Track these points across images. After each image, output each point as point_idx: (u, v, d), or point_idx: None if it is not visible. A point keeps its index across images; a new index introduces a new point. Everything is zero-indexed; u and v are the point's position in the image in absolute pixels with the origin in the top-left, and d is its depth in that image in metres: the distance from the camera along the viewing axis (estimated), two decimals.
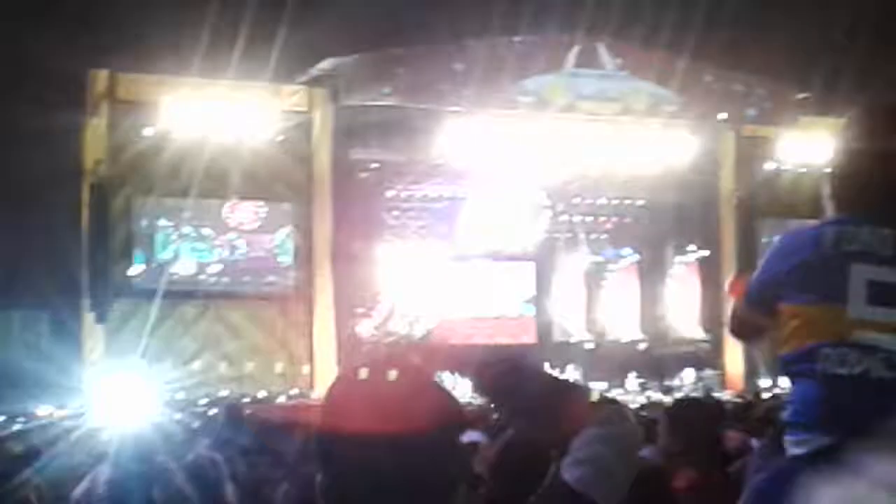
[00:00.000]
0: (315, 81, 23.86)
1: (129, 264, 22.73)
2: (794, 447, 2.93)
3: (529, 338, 27.69)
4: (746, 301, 3.22)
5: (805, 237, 3.08)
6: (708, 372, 26.01)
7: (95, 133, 22.47)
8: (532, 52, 24.62)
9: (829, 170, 3.19)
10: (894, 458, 2.78)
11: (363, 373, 2.08)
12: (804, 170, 26.75)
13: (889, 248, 2.92)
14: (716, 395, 21.12)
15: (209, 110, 22.63)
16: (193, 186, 22.70)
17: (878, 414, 2.83)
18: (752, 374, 25.33)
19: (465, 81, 23.94)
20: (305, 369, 23.38)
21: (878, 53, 23.93)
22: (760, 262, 3.20)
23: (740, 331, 3.43)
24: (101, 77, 22.54)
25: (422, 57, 24.11)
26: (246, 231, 23.59)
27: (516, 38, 24.32)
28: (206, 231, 23.36)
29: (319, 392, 22.41)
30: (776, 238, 3.28)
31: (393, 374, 2.08)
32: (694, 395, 20.52)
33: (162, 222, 23.05)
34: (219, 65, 21.96)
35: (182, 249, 23.23)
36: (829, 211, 3.05)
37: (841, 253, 2.92)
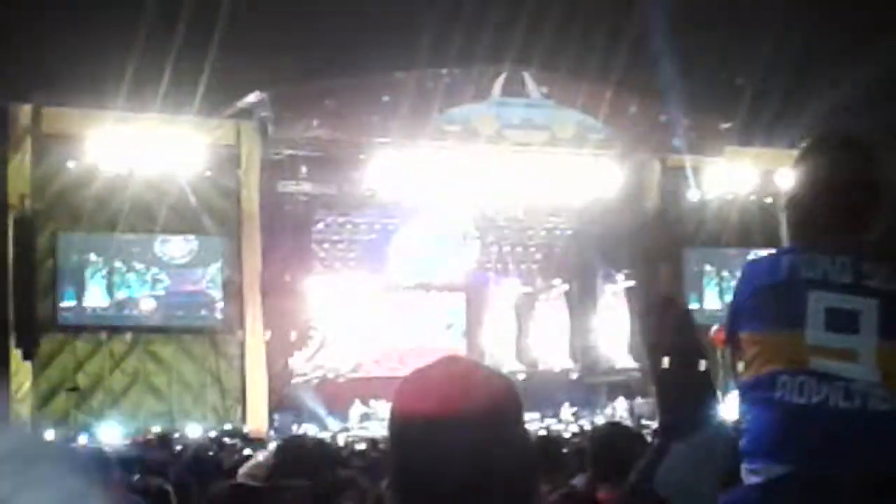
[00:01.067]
0: (242, 114, 23.77)
1: (57, 299, 22.44)
2: (751, 475, 2.94)
3: None
4: (728, 339, 3.22)
5: (762, 265, 3.11)
6: (639, 400, 26.14)
7: (19, 168, 22.17)
8: (460, 83, 24.72)
9: (786, 198, 3.23)
10: (848, 489, 2.81)
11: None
12: (729, 198, 27.13)
13: (847, 275, 2.95)
14: (647, 422, 21.29)
15: (135, 144, 22.41)
16: (121, 221, 22.53)
17: (834, 444, 2.85)
18: None
19: (394, 113, 23.95)
20: (237, 403, 23.20)
21: (799, 85, 24.32)
22: (737, 296, 3.24)
23: None
24: (25, 111, 22.28)
25: (350, 89, 24.10)
26: (176, 265, 23.39)
27: (443, 70, 24.42)
28: (136, 265, 23.14)
29: (252, 426, 22.26)
30: (743, 269, 3.31)
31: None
32: (615, 421, 20.61)
33: (91, 257, 22.81)
34: (145, 98, 21.82)
35: (111, 284, 22.98)
36: (787, 239, 3.08)
37: (799, 280, 2.94)
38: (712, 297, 27.88)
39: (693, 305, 26.57)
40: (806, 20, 23.26)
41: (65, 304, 22.55)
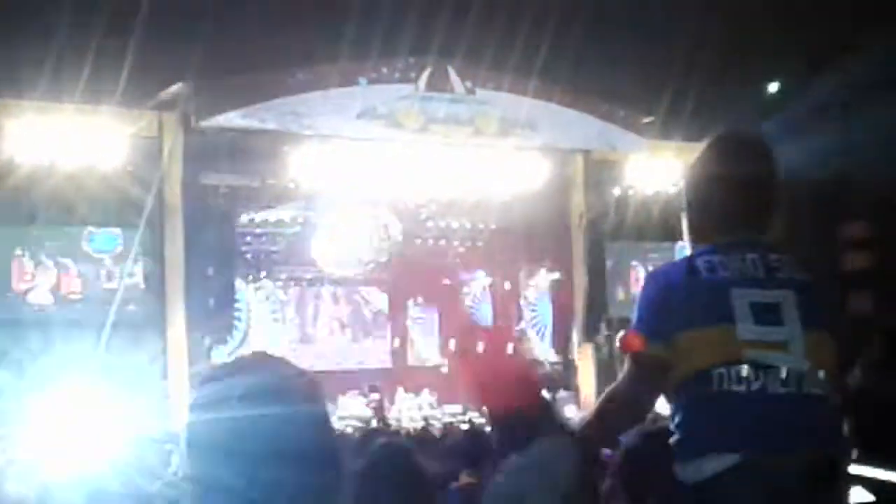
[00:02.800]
0: (164, 105, 23.49)
1: None
2: (694, 471, 2.90)
3: (384, 362, 27.69)
4: (645, 332, 3.17)
5: (679, 270, 3.11)
6: (562, 393, 26.28)
7: None
8: (384, 77, 24.67)
9: (684, 201, 3.22)
10: (793, 472, 2.81)
11: None
12: (651, 193, 27.37)
13: (760, 270, 2.99)
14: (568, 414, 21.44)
15: (55, 135, 22.04)
16: (40, 214, 22.15)
17: (777, 428, 2.85)
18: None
19: (318, 105, 23.85)
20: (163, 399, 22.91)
21: (720, 78, 24.59)
22: (640, 303, 3.19)
23: (621, 411, 3.31)
24: None
25: (272, 81, 23.93)
26: (97, 259, 23.06)
27: (369, 62, 24.35)
28: (57, 259, 22.77)
29: (175, 420, 22.00)
30: (647, 274, 3.29)
31: None
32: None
33: (16, 251, 22.39)
34: (64, 88, 21.48)
35: (33, 278, 22.61)
36: (690, 241, 3.08)
37: (718, 279, 2.96)
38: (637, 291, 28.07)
39: (620, 298, 26.85)
40: (727, 13, 23.56)
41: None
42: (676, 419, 3.06)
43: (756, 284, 3.01)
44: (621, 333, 3.41)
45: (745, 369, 2.96)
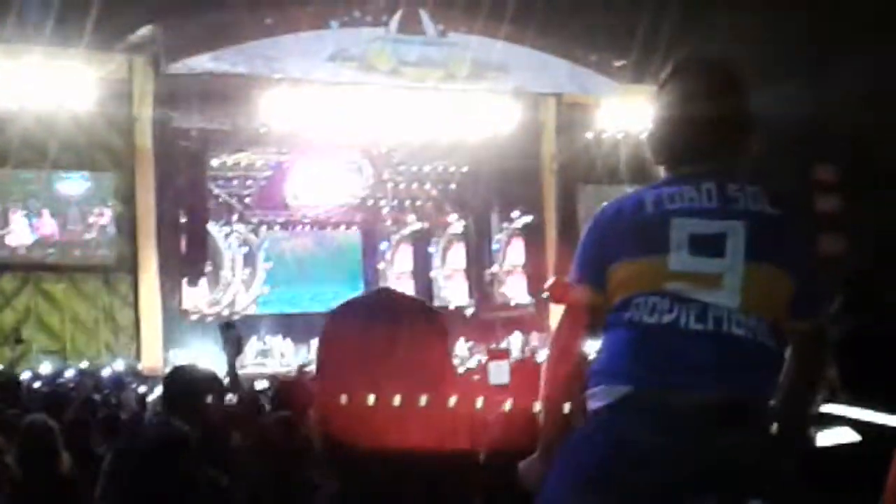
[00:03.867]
0: (134, 49, 23.34)
1: None
2: (592, 400, 2.90)
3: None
4: (576, 281, 3.14)
5: (625, 203, 3.07)
6: (534, 334, 26.45)
7: None
8: (356, 19, 24.55)
9: (648, 129, 3.20)
10: (687, 411, 2.80)
11: None
12: (621, 136, 27.42)
13: (714, 201, 2.93)
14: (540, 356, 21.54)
15: (25, 78, 21.91)
16: (11, 157, 22.08)
17: (679, 365, 2.84)
18: None
19: (288, 48, 23.74)
20: (132, 341, 22.99)
21: (691, 20, 24.55)
22: (579, 246, 3.17)
23: (559, 368, 3.13)
24: None
25: (243, 23, 23.78)
26: (69, 202, 23.01)
27: (340, 5, 24.23)
28: (29, 202, 22.72)
29: (146, 363, 22.06)
30: (598, 209, 3.26)
31: None
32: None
33: None
34: (33, 31, 21.34)
35: (6, 221, 22.58)
36: (657, 171, 3.06)
37: (663, 211, 2.92)
38: None
39: None
40: None
41: None
42: (597, 348, 3.06)
43: (702, 215, 2.91)
44: (549, 282, 3.36)
45: (660, 301, 2.89)
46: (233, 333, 6.99)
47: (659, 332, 2.83)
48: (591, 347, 3.12)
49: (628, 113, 27.04)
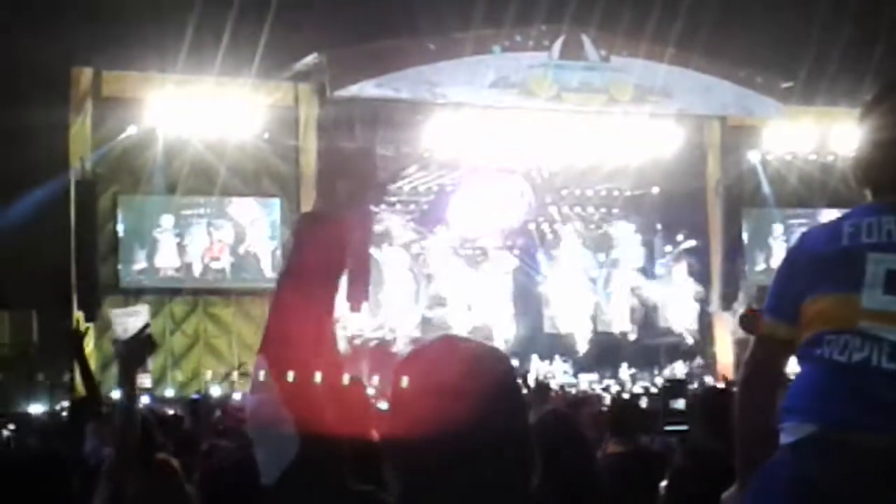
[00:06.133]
0: (300, 76, 23.78)
1: (118, 262, 22.65)
2: (784, 434, 2.83)
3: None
4: (768, 312, 3.08)
5: (821, 234, 3.00)
6: (698, 361, 26.11)
7: (80, 131, 22.32)
8: (518, 45, 24.58)
9: (853, 155, 3.11)
10: (878, 454, 2.68)
11: None
12: (789, 158, 26.88)
13: None
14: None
15: (195, 107, 22.47)
16: (181, 183, 22.71)
17: (869, 406, 2.73)
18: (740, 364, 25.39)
19: (451, 73, 23.89)
20: None
21: (860, 41, 23.99)
22: (774, 277, 3.11)
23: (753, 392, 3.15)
24: (86, 74, 22.40)
25: (407, 49, 24.04)
26: (238, 227, 23.54)
27: (502, 30, 24.29)
28: (196, 228, 23.32)
29: None
30: (795, 237, 3.18)
31: None
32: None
33: (150, 219, 22.99)
34: (204, 61, 21.91)
35: (173, 246, 23.18)
36: (831, 193, 3.00)
37: (859, 245, 2.82)
38: (779, 258, 27.49)
39: (760, 266, 26.57)
40: None
41: (137, 266, 22.79)
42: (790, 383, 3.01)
43: None
44: (742, 311, 3.34)
45: (852, 339, 2.81)
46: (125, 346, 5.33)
47: (849, 371, 2.77)
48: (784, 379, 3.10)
49: (795, 135, 26.52)
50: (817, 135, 26.66)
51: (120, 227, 22.72)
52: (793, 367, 3.08)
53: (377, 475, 2.58)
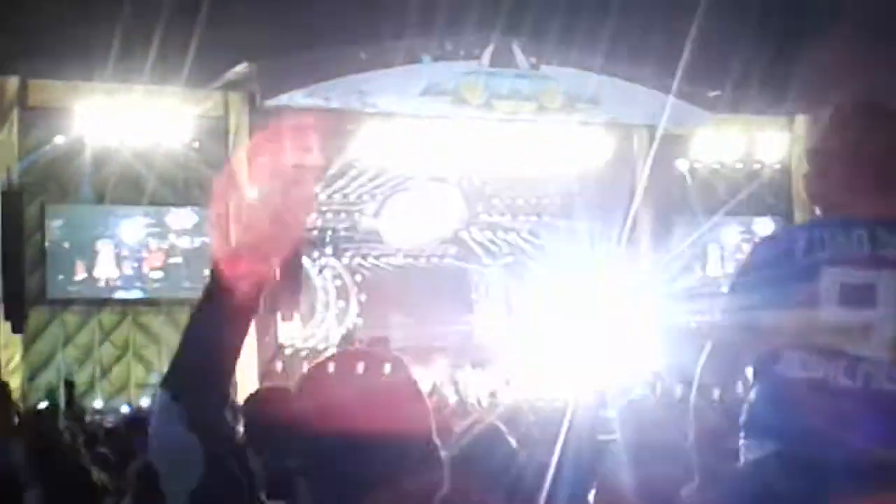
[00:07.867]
0: (230, 86, 23.66)
1: (45, 272, 22.35)
2: (746, 452, 2.84)
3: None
4: (727, 321, 3.09)
5: (775, 244, 3.02)
6: None
7: (6, 141, 22.02)
8: (449, 53, 24.64)
9: (804, 170, 3.14)
10: (836, 470, 2.70)
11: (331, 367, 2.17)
12: (717, 167, 27.16)
13: (865, 247, 2.84)
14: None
15: (124, 116, 22.32)
16: (109, 193, 22.48)
17: (828, 422, 2.74)
18: None
19: (381, 82, 23.90)
20: None
21: (786, 51, 24.27)
22: (732, 277, 3.13)
23: None
24: (11, 83, 22.12)
25: (338, 58, 24.01)
26: (176, 236, 23.35)
27: (433, 39, 24.34)
28: (135, 237, 23.09)
29: (240, 397, 22.15)
30: (750, 249, 3.19)
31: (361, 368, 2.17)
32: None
33: (86, 230, 22.71)
34: (132, 70, 21.69)
35: (119, 256, 22.95)
36: (810, 206, 3.00)
37: (812, 260, 2.84)
38: (713, 266, 27.64)
39: (697, 274, 26.77)
40: None
41: (53, 277, 22.46)
42: (748, 398, 3.02)
43: (854, 264, 2.86)
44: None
45: (809, 356, 2.84)
46: None
47: (807, 389, 2.78)
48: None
49: (722, 143, 26.82)
50: (744, 143, 27.01)
51: (50, 238, 22.39)
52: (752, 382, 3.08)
53: None
